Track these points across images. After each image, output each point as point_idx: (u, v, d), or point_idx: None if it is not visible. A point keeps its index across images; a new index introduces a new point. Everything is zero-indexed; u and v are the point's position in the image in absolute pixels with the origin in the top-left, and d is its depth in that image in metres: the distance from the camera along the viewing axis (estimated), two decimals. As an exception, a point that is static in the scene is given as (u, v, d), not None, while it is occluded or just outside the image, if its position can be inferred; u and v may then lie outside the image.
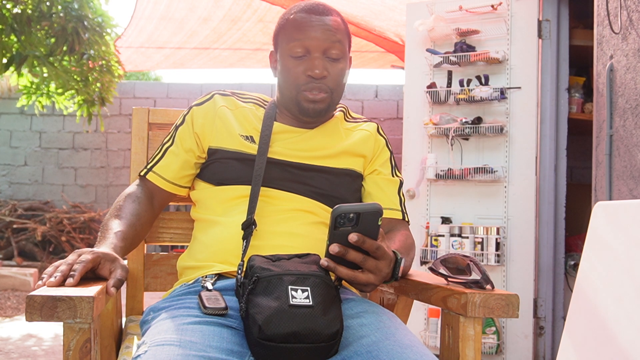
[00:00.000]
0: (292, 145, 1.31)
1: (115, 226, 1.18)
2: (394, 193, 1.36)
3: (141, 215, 1.26)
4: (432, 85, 3.24)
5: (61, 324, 0.88)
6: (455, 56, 3.15)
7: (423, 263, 3.18)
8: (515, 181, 3.08)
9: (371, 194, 1.35)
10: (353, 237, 0.97)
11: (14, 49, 3.84)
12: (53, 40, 3.85)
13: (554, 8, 3.15)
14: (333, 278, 1.03)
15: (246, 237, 1.17)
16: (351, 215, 0.97)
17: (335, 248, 0.98)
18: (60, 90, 4.55)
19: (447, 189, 3.23)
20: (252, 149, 1.28)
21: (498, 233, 3.02)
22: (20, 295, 4.72)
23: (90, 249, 1.03)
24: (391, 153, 1.42)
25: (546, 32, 3.11)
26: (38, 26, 3.76)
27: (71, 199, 6.50)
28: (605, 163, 2.38)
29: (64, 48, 3.81)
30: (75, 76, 4.31)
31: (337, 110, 1.43)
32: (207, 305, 1.03)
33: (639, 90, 2.18)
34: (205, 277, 1.18)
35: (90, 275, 1.00)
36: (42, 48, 3.94)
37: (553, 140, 3.12)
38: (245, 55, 5.80)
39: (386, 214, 1.30)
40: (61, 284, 0.94)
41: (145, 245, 1.49)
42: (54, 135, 6.59)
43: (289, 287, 0.95)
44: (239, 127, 1.31)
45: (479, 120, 3.10)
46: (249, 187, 1.23)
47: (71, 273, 0.95)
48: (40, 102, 4.75)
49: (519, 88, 3.09)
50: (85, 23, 3.89)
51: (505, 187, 3.09)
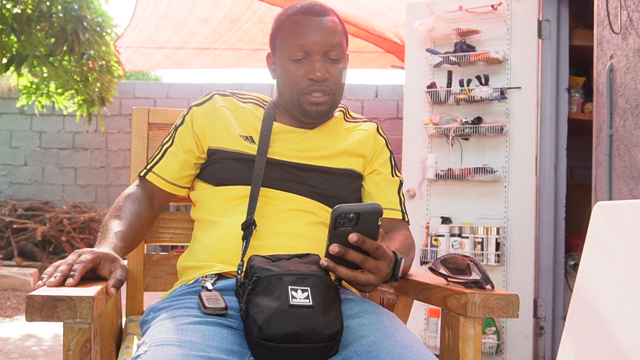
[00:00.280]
0: (292, 145, 1.31)
1: (115, 226, 1.18)
2: (393, 193, 1.36)
3: (141, 215, 1.26)
4: (432, 85, 3.24)
5: (61, 324, 0.88)
6: (455, 56, 3.15)
7: (423, 263, 3.18)
8: (515, 181, 3.08)
9: (371, 194, 1.35)
10: (353, 237, 0.97)
11: (14, 49, 3.84)
12: (53, 40, 3.85)
13: (554, 8, 3.15)
14: (333, 278, 1.03)
15: (246, 237, 1.17)
16: (351, 215, 0.97)
17: (335, 248, 0.98)
18: (60, 90, 4.55)
19: (447, 189, 3.23)
20: (252, 149, 1.28)
21: (498, 233, 3.02)
22: (20, 295, 4.72)
23: (90, 249, 1.03)
24: (391, 153, 1.42)
25: (546, 32, 3.11)
26: (38, 26, 3.76)
27: (71, 199, 6.50)
28: (605, 163, 2.38)
29: (64, 48, 3.81)
30: (75, 76, 4.31)
31: (337, 110, 1.42)
32: (207, 305, 1.03)
33: (639, 90, 2.18)
34: (205, 277, 1.18)
35: (90, 275, 1.00)
36: (42, 48, 3.94)
37: (553, 140, 3.12)
38: (245, 56, 5.80)
39: (386, 214, 1.30)
40: (61, 284, 0.94)
41: (145, 245, 1.49)
42: (54, 135, 6.59)
43: (289, 287, 0.95)
44: (238, 128, 1.31)
45: (479, 120, 3.10)
46: (249, 188, 1.23)
47: (71, 273, 0.96)
48: (40, 102, 4.75)
49: (519, 88, 3.09)
50: (85, 24, 3.89)
51: (505, 187, 3.09)
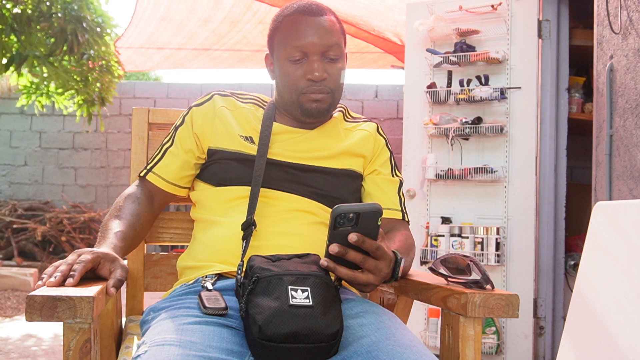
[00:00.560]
0: (292, 146, 1.31)
1: (115, 226, 1.18)
2: (393, 193, 1.36)
3: (141, 215, 1.26)
4: (432, 85, 3.24)
5: (61, 324, 0.88)
6: (455, 56, 3.15)
7: (423, 263, 3.18)
8: (515, 181, 3.08)
9: (371, 194, 1.35)
10: (353, 237, 0.97)
11: (14, 49, 3.84)
12: (53, 40, 3.85)
13: (554, 8, 3.15)
14: (333, 278, 1.03)
15: (246, 238, 1.17)
16: (351, 215, 0.97)
17: (335, 248, 0.98)
18: (60, 90, 4.56)
19: (447, 189, 3.23)
20: (252, 149, 1.28)
21: (498, 233, 3.02)
22: (20, 295, 4.72)
23: (90, 249, 1.03)
24: (391, 153, 1.42)
25: (546, 32, 3.11)
26: (38, 26, 3.76)
27: (71, 199, 6.50)
28: (605, 163, 2.38)
29: (64, 48, 3.81)
30: (75, 76, 4.31)
31: (337, 110, 1.42)
32: (207, 305, 1.03)
33: (639, 90, 2.18)
34: (205, 277, 1.18)
35: (90, 275, 1.00)
36: (42, 48, 3.94)
37: (553, 140, 3.12)
38: (245, 57, 5.80)
39: (386, 214, 1.30)
40: (61, 284, 0.94)
41: (145, 245, 1.49)
42: (54, 135, 6.59)
43: (289, 287, 0.95)
44: (238, 128, 1.31)
45: (479, 120, 3.10)
46: (249, 188, 1.23)
47: (71, 273, 0.96)
48: (40, 102, 4.75)
49: (519, 88, 3.09)
50: (85, 24, 3.89)
51: (505, 187, 3.09)
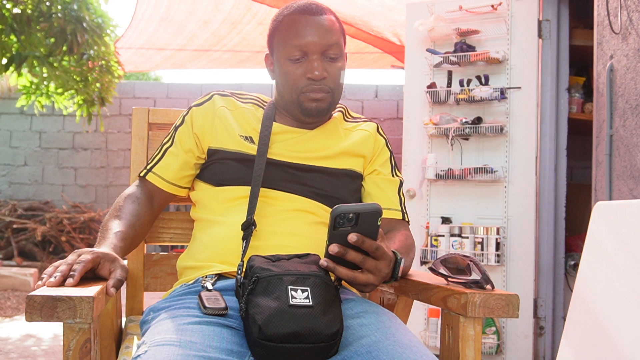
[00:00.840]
0: (292, 146, 1.31)
1: (115, 226, 1.18)
2: (393, 193, 1.36)
3: (141, 215, 1.26)
4: (432, 85, 3.24)
5: (61, 324, 0.88)
6: (455, 56, 3.15)
7: (423, 263, 3.18)
8: (515, 181, 3.08)
9: (371, 194, 1.35)
10: (352, 238, 0.97)
11: (13, 49, 3.84)
12: (52, 40, 3.85)
13: (554, 8, 3.15)
14: (333, 278, 1.03)
15: (246, 238, 1.17)
16: (350, 215, 0.96)
17: (334, 248, 0.98)
18: (60, 90, 4.56)
19: (447, 189, 3.23)
20: (252, 149, 1.28)
21: (498, 233, 3.02)
22: (20, 295, 4.72)
23: (90, 249, 1.03)
24: (391, 153, 1.42)
25: (546, 32, 3.11)
26: (38, 27, 3.76)
27: (71, 199, 6.50)
28: (605, 163, 2.38)
29: (64, 48, 3.81)
30: (75, 76, 4.31)
31: (336, 110, 1.42)
32: (207, 305, 1.03)
33: (639, 90, 2.18)
34: (205, 277, 1.18)
35: (90, 275, 1.00)
36: (42, 48, 3.94)
37: (553, 140, 3.12)
38: (245, 58, 5.80)
39: (386, 214, 1.30)
40: (61, 284, 0.94)
41: (145, 245, 1.49)
42: (54, 135, 6.59)
43: (289, 287, 0.95)
44: (238, 128, 1.31)
45: (479, 120, 3.10)
46: (249, 188, 1.23)
47: (71, 273, 0.96)
48: (39, 102, 4.75)
49: (519, 88, 3.09)
50: (84, 24, 3.89)
51: (505, 187, 3.09)
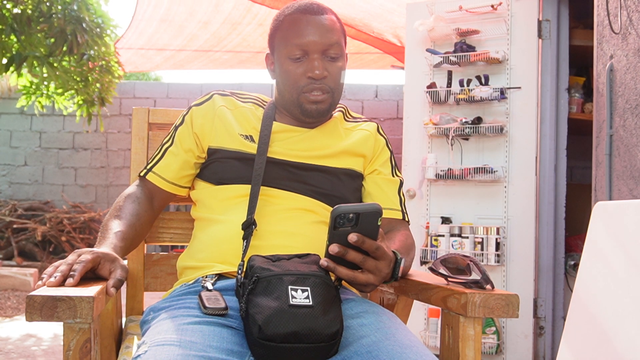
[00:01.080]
0: (292, 144, 1.31)
1: (115, 226, 1.18)
2: (394, 193, 1.36)
3: (141, 215, 1.26)
4: (432, 85, 3.24)
5: (61, 324, 0.88)
6: (455, 56, 3.15)
7: (423, 263, 3.18)
8: (515, 181, 3.08)
9: (371, 194, 1.35)
10: (352, 238, 0.97)
11: (14, 49, 3.84)
12: (52, 40, 3.85)
13: (554, 8, 3.15)
14: (333, 278, 1.03)
15: (246, 237, 1.17)
16: (351, 215, 0.96)
17: (334, 248, 0.98)
18: (60, 91, 4.56)
19: (447, 189, 3.23)
20: (252, 148, 1.28)
21: (498, 233, 3.02)
22: (20, 295, 4.72)
23: (90, 249, 1.03)
24: (391, 153, 1.42)
25: (546, 32, 3.11)
26: (38, 27, 3.76)
27: (71, 199, 6.50)
28: (605, 163, 2.38)
29: (64, 49, 3.81)
30: (75, 76, 4.31)
31: (337, 110, 1.43)
32: (207, 305, 1.03)
33: (639, 90, 2.18)
34: (206, 277, 1.18)
35: (90, 275, 1.00)
36: (42, 48, 3.94)
37: (553, 140, 3.12)
38: (245, 59, 5.80)
39: (386, 214, 1.30)
40: (61, 284, 0.94)
41: (145, 245, 1.49)
42: (54, 135, 6.59)
43: (289, 287, 0.95)
44: (238, 127, 1.31)
45: (479, 120, 3.10)
46: (249, 186, 1.23)
47: (71, 273, 0.96)
48: (40, 102, 4.75)
49: (519, 88, 3.09)
50: (84, 25, 3.89)
51: (505, 187, 3.09)
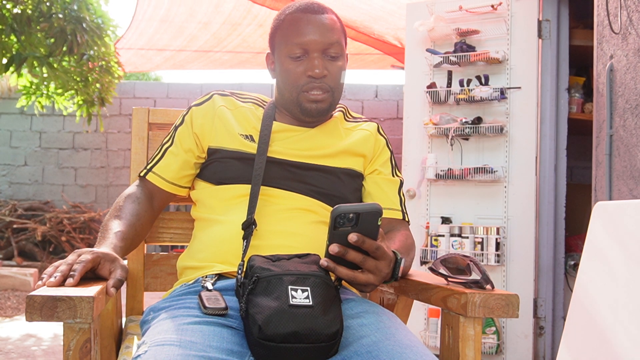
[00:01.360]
0: (292, 144, 1.31)
1: (115, 226, 1.18)
2: (394, 193, 1.36)
3: (141, 215, 1.26)
4: (432, 85, 3.24)
5: (61, 324, 0.88)
6: (455, 56, 3.15)
7: (423, 263, 3.17)
8: (515, 181, 3.08)
9: (371, 194, 1.35)
10: (353, 237, 0.97)
11: (14, 49, 3.84)
12: (52, 40, 3.85)
13: (554, 8, 3.15)
14: (333, 278, 1.03)
15: (246, 237, 1.17)
16: (351, 215, 0.96)
17: (334, 248, 0.98)
18: (59, 91, 4.56)
19: (447, 189, 3.23)
20: (252, 148, 1.28)
21: (498, 233, 3.02)
22: (20, 295, 4.72)
23: (90, 249, 1.03)
24: (391, 153, 1.42)
25: (546, 32, 3.11)
26: (38, 27, 3.76)
27: (71, 199, 6.50)
28: (605, 163, 2.38)
29: (64, 49, 3.81)
30: (74, 77, 4.31)
31: (337, 110, 1.43)
32: (207, 305, 1.03)
33: (639, 90, 2.18)
34: (206, 277, 1.18)
35: (90, 275, 1.00)
36: (42, 48, 3.94)
37: (553, 140, 3.12)
38: (245, 59, 5.80)
39: (386, 214, 1.30)
40: (61, 284, 0.94)
41: (145, 245, 1.49)
42: (54, 135, 6.59)
43: (289, 287, 0.95)
44: (238, 127, 1.31)
45: (479, 120, 3.10)
46: (249, 186, 1.23)
47: (71, 273, 0.96)
48: (40, 103, 4.75)
49: (519, 88, 3.09)
50: (84, 25, 3.89)
51: (505, 187, 3.09)
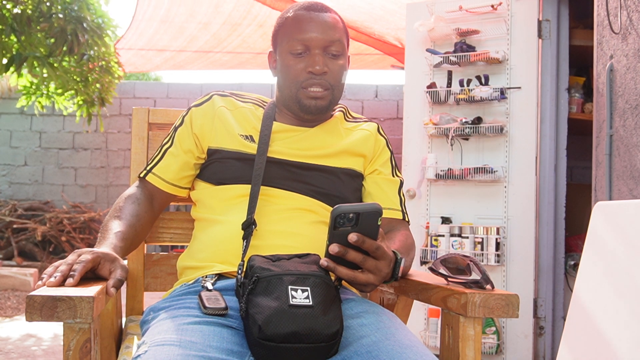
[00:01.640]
0: (292, 144, 1.31)
1: (115, 227, 1.18)
2: (394, 193, 1.36)
3: (141, 216, 1.26)
4: (432, 85, 3.24)
5: (61, 324, 0.88)
6: (455, 56, 3.15)
7: (423, 263, 3.17)
8: (515, 181, 3.08)
9: (371, 194, 1.35)
10: (353, 237, 0.97)
11: (14, 50, 3.84)
12: (52, 40, 3.85)
13: (554, 8, 3.15)
14: (333, 278, 1.03)
15: (246, 237, 1.17)
16: (351, 215, 0.96)
17: (334, 248, 0.98)
18: (60, 91, 4.56)
19: (447, 189, 3.23)
20: (252, 148, 1.28)
21: (498, 233, 3.02)
22: (20, 295, 4.72)
23: (90, 249, 1.03)
24: (391, 153, 1.42)
25: (546, 32, 3.11)
26: (38, 27, 3.76)
27: (71, 199, 6.50)
28: (605, 163, 2.38)
29: (64, 49, 3.81)
30: (75, 77, 4.31)
31: (337, 110, 1.43)
32: (207, 305, 1.03)
33: (639, 90, 2.18)
34: (206, 277, 1.18)
35: (90, 275, 1.00)
36: (42, 48, 3.94)
37: (553, 140, 3.12)
38: (245, 60, 5.80)
39: (386, 214, 1.30)
40: (61, 284, 0.94)
41: (145, 245, 1.49)
42: (54, 135, 6.59)
43: (289, 287, 0.95)
44: (238, 127, 1.31)
45: (479, 120, 3.10)
46: (249, 186, 1.23)
47: (71, 273, 0.96)
48: (40, 103, 4.75)
49: (519, 88, 3.09)
50: (85, 25, 3.89)
51: (505, 187, 3.09)
